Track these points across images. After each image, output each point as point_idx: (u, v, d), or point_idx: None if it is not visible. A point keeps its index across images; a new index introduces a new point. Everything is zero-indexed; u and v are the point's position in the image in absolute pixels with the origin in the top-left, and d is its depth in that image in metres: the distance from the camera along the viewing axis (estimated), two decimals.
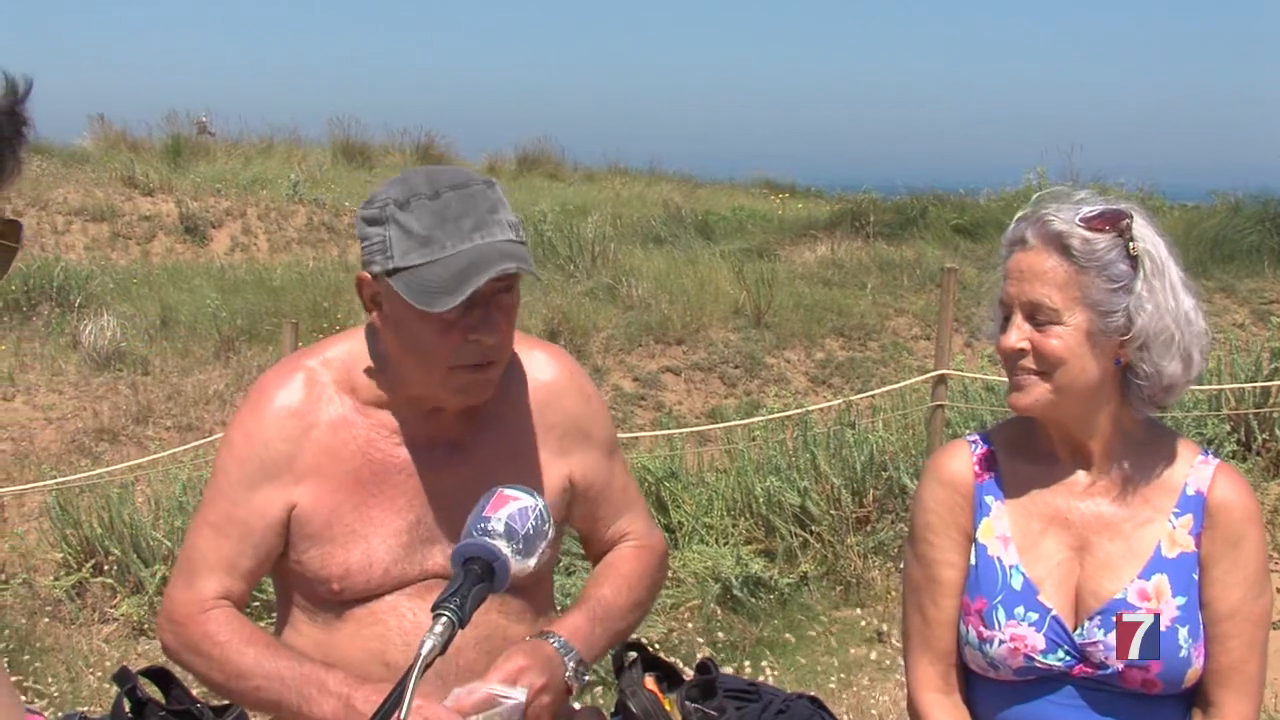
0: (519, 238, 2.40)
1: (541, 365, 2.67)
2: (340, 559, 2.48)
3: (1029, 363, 2.43)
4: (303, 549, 2.52)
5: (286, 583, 2.61)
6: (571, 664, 2.48)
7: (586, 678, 2.53)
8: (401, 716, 1.82)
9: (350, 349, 2.59)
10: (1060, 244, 2.39)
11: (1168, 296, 2.40)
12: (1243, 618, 2.45)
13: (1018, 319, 2.44)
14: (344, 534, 2.49)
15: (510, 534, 2.04)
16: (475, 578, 1.99)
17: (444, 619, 1.93)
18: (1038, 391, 2.44)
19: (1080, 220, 2.39)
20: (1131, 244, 2.39)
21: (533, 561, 2.08)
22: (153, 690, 2.74)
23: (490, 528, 2.04)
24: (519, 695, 2.15)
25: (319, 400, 2.54)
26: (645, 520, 2.84)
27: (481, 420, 2.59)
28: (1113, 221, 2.40)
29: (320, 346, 2.63)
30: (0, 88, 1.55)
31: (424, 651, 1.89)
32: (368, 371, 2.55)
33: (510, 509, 2.07)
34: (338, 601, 2.50)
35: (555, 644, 2.47)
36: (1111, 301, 2.38)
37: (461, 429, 2.57)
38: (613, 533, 2.79)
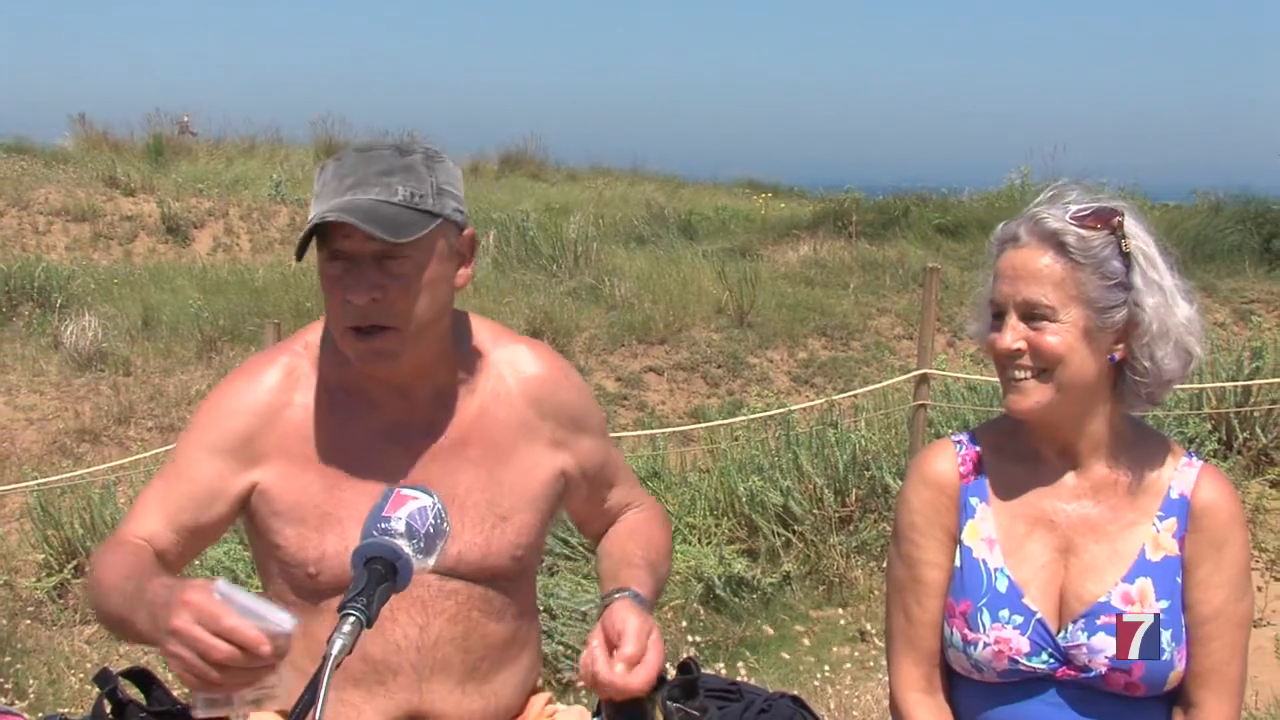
0: (407, 201, 2.38)
1: (528, 360, 2.67)
2: (315, 543, 2.47)
3: (1026, 361, 2.42)
4: (277, 528, 2.51)
5: (268, 571, 2.61)
6: None
7: None
8: (317, 717, 1.81)
9: (325, 331, 2.59)
10: (1055, 241, 2.38)
11: (1162, 292, 2.40)
12: (1225, 620, 2.45)
13: (1012, 319, 2.42)
14: (316, 516, 2.48)
15: (411, 533, 2.02)
16: (379, 577, 1.98)
17: (351, 619, 1.91)
18: (1037, 395, 2.42)
19: (1072, 218, 2.38)
20: (1124, 241, 2.38)
21: (432, 560, 2.06)
22: (134, 691, 2.73)
23: (391, 527, 2.02)
24: (287, 625, 2.06)
25: (295, 383, 2.55)
26: (638, 487, 2.89)
27: (458, 405, 2.58)
28: (1105, 219, 2.39)
29: (304, 331, 2.65)
30: None
31: (334, 651, 1.87)
32: (341, 355, 2.53)
33: (409, 508, 2.05)
34: (314, 589, 2.48)
35: (640, 603, 2.47)
36: (1107, 298, 2.37)
37: (435, 411, 2.56)
38: (611, 505, 2.82)
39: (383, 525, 2.02)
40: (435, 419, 2.57)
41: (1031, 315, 2.40)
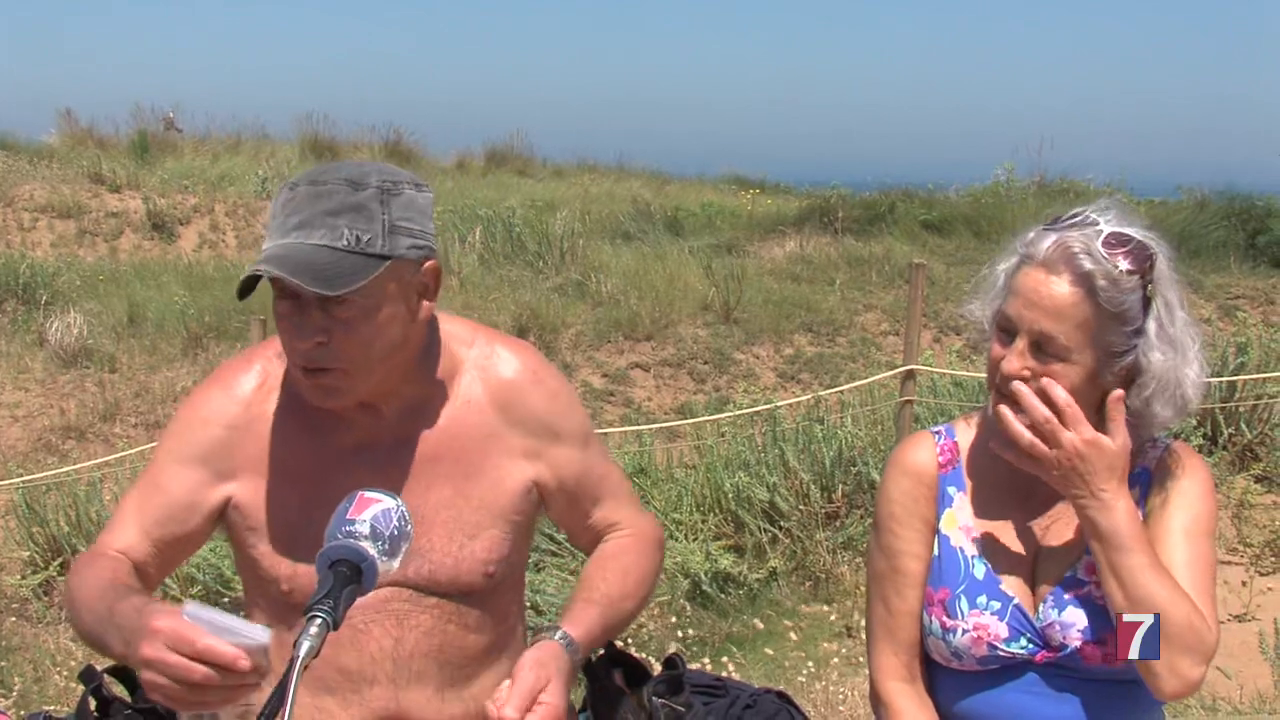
0: (351, 246, 2.29)
1: (504, 362, 2.58)
2: (289, 560, 2.44)
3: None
4: (252, 542, 2.48)
5: (248, 588, 2.59)
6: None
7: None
8: (286, 718, 1.81)
9: None
10: (1088, 283, 2.31)
11: (1174, 344, 2.37)
12: (1187, 566, 2.39)
13: (1021, 344, 2.37)
14: (289, 533, 2.45)
15: (376, 535, 2.01)
16: (344, 579, 1.97)
17: (318, 621, 1.90)
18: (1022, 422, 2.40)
19: (1106, 254, 2.33)
20: (1150, 286, 2.35)
21: (396, 563, 2.05)
22: (119, 689, 2.73)
23: (355, 530, 2.02)
24: (262, 637, 2.05)
25: (269, 393, 2.51)
26: (631, 507, 2.74)
27: (430, 417, 2.52)
28: (1139, 262, 2.35)
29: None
30: None
31: (301, 654, 1.86)
32: None
33: (373, 511, 2.04)
34: (288, 605, 2.43)
35: (566, 647, 2.41)
36: (1122, 344, 2.35)
37: (405, 426, 2.51)
38: (596, 521, 2.69)
39: (347, 528, 2.02)
40: (405, 434, 2.51)
41: (1043, 348, 2.36)
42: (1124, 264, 2.33)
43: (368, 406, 2.49)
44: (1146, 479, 2.49)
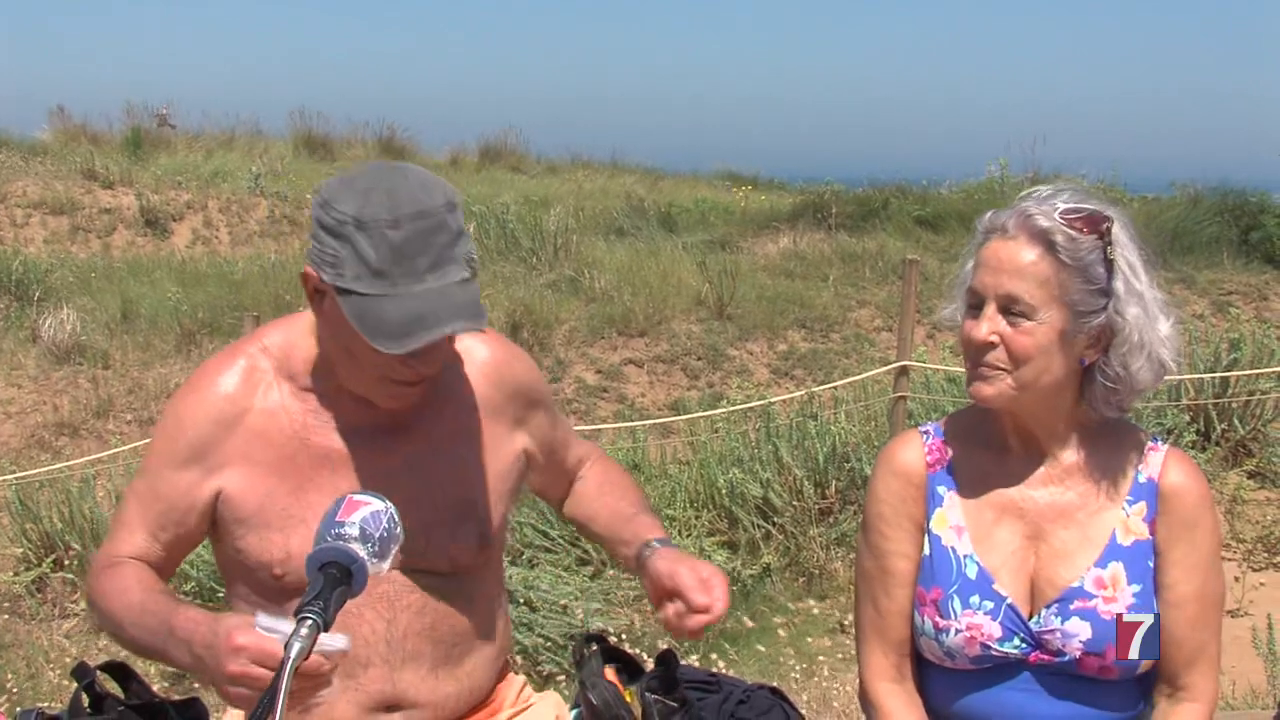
0: (472, 270, 2.34)
1: (478, 345, 2.66)
2: (280, 543, 2.46)
3: (998, 356, 2.41)
4: (239, 534, 2.50)
5: (232, 577, 2.60)
6: None
7: None
8: (277, 718, 1.82)
9: (289, 334, 2.56)
10: (1044, 239, 2.36)
11: (1143, 303, 2.40)
12: (1205, 601, 2.46)
13: (990, 310, 2.41)
14: (281, 518, 2.47)
15: (365, 537, 2.03)
16: (334, 581, 1.99)
17: (309, 622, 1.92)
18: (1001, 385, 2.42)
19: (1061, 217, 2.37)
20: (1109, 248, 2.38)
21: (386, 565, 2.07)
22: (111, 685, 2.73)
23: (345, 532, 2.03)
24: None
25: (255, 386, 2.52)
26: (582, 441, 2.96)
27: (421, 402, 2.55)
28: (1094, 224, 2.38)
29: (261, 332, 2.61)
30: None
31: (292, 655, 1.88)
32: (305, 358, 2.52)
33: (363, 513, 2.06)
34: (280, 589, 2.47)
35: (666, 545, 2.58)
36: (1087, 303, 2.37)
37: (401, 412, 2.55)
38: (571, 466, 2.88)
39: (337, 530, 2.03)
40: (401, 418, 2.55)
41: (1010, 310, 2.39)
42: (1081, 225, 2.38)
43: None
44: (1153, 494, 2.50)
